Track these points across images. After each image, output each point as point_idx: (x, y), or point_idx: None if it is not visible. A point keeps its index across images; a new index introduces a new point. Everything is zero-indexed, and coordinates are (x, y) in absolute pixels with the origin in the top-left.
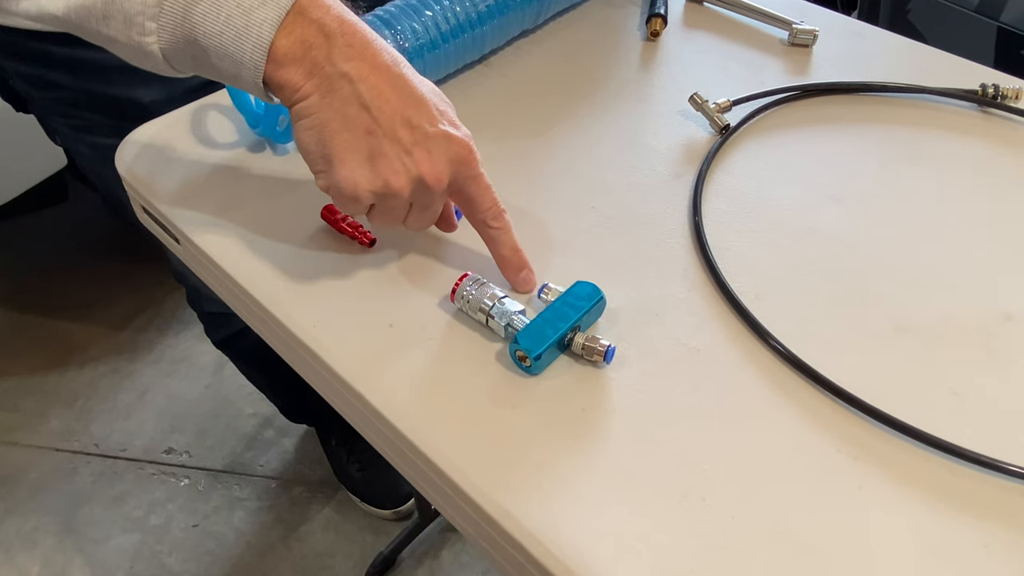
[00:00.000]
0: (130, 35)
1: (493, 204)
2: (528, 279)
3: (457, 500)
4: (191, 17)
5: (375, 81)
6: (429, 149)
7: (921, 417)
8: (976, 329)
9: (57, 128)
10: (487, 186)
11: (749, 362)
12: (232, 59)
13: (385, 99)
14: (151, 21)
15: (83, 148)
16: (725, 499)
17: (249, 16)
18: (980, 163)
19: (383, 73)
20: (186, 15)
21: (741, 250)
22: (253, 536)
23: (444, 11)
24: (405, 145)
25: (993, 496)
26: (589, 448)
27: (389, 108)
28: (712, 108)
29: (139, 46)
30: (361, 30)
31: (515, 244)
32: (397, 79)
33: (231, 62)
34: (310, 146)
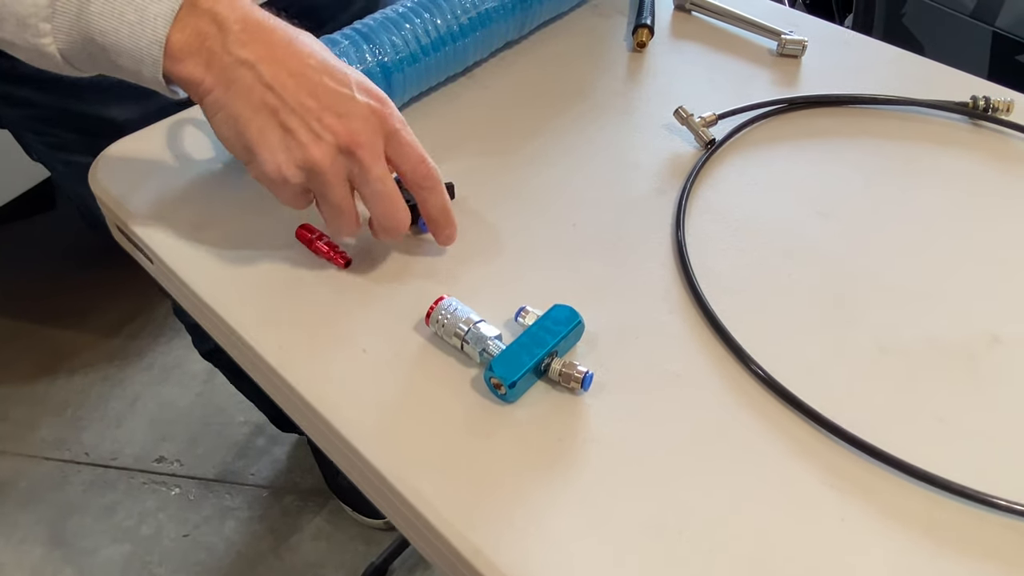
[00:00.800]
0: (25, 37)
1: (420, 162)
2: (451, 236)
3: (426, 533)
4: (85, 15)
5: (273, 60)
6: (338, 112)
7: (905, 446)
8: (963, 352)
9: (31, 145)
10: (410, 143)
11: (731, 388)
12: (130, 56)
13: (287, 74)
14: (44, 23)
15: (58, 165)
16: (704, 532)
17: (143, 12)
18: (970, 178)
19: (280, 50)
20: (80, 14)
21: (725, 270)
22: (244, 546)
23: (424, 24)
24: (315, 113)
25: (978, 530)
26: (564, 480)
27: (292, 83)
28: (697, 122)
29: (35, 48)
30: (254, 14)
31: (444, 204)
32: (296, 54)
33: (130, 59)
34: (230, 139)
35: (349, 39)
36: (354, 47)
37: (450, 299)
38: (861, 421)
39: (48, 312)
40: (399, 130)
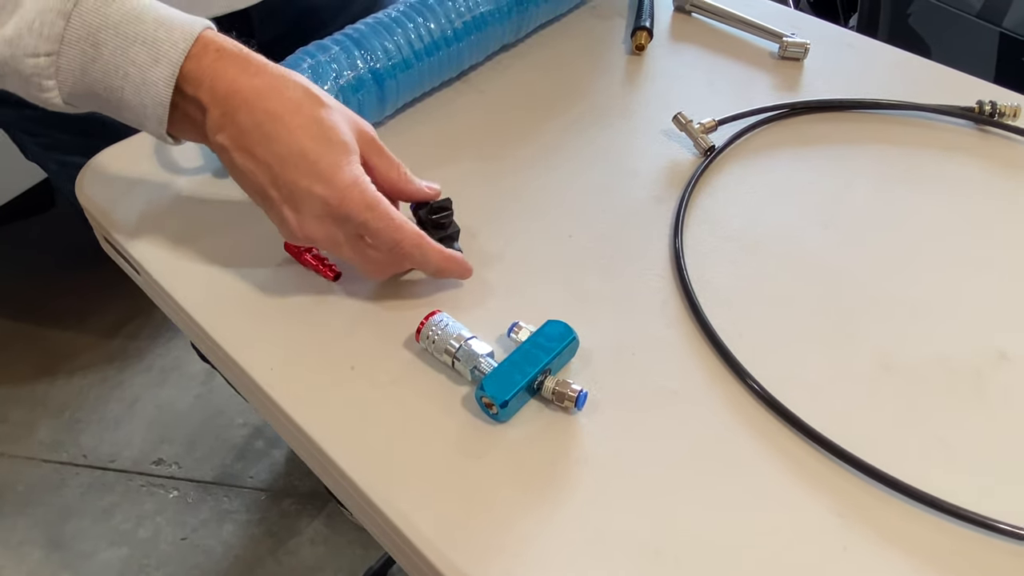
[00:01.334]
0: (29, 91)
1: (393, 246)
2: (463, 274)
3: (412, 557)
4: (89, 75)
5: (242, 148)
6: (295, 206)
7: (909, 469)
8: (968, 369)
9: (26, 145)
10: (376, 229)
11: (730, 407)
12: (135, 112)
13: (254, 164)
14: (48, 80)
15: (52, 165)
16: (700, 560)
17: (145, 75)
18: (976, 185)
19: (248, 137)
20: (84, 73)
21: (724, 282)
22: (242, 549)
23: (417, 28)
24: (277, 204)
25: (983, 556)
26: (557, 502)
27: (259, 172)
28: (696, 128)
29: (40, 100)
30: (233, 94)
31: (439, 262)
32: (261, 140)
33: (135, 115)
34: None
35: (340, 45)
36: (345, 53)
37: (441, 314)
38: (863, 441)
39: (47, 313)
40: (365, 220)
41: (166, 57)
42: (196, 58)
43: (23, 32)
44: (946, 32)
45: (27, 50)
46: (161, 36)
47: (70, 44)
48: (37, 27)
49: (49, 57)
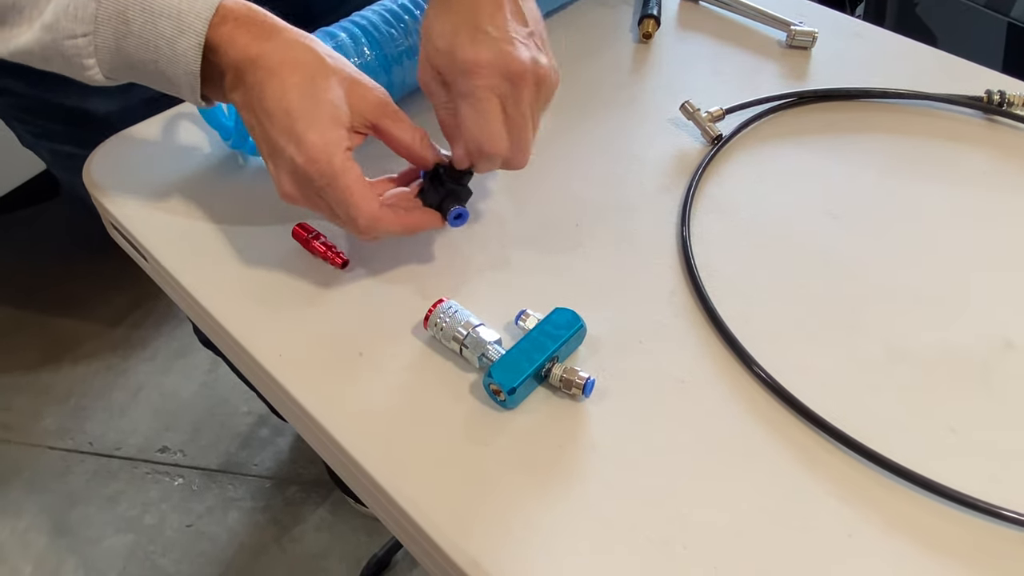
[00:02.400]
0: (72, 71)
1: (348, 219)
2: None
3: (422, 543)
4: (123, 51)
5: (247, 106)
6: (275, 161)
7: (915, 456)
8: (976, 358)
9: (19, 132)
10: (335, 200)
11: (737, 395)
12: (171, 82)
13: (255, 121)
14: (88, 59)
15: (44, 153)
16: (707, 546)
17: (174, 47)
18: (985, 175)
19: (251, 95)
20: (117, 50)
21: (731, 271)
22: (247, 537)
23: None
24: (266, 159)
25: (991, 544)
26: (564, 489)
27: (256, 128)
28: (704, 117)
29: (84, 78)
30: (246, 56)
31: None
32: (260, 99)
33: (171, 85)
34: None
35: (347, 32)
36: (352, 40)
37: (449, 302)
38: (869, 429)
39: (52, 301)
40: (320, 185)
41: (191, 28)
42: (216, 27)
43: (60, 17)
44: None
45: (66, 33)
46: (184, 8)
47: (103, 23)
48: (72, 11)
49: (86, 37)
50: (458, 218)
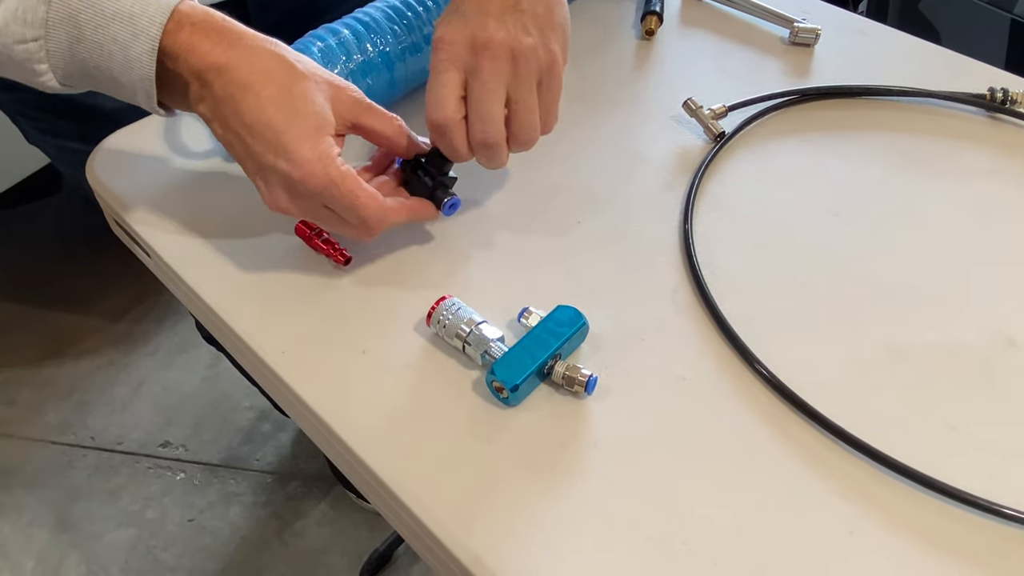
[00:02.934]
0: (26, 77)
1: (358, 221)
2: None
3: (425, 539)
4: (78, 56)
5: (217, 118)
6: (264, 178)
7: (916, 454)
8: (977, 356)
9: (25, 129)
10: (342, 207)
11: (739, 393)
12: (126, 88)
13: (230, 135)
14: (40, 64)
15: (51, 150)
16: (707, 543)
17: (127, 52)
18: (987, 173)
19: (222, 108)
20: (72, 55)
21: (733, 268)
22: (249, 531)
23: (428, 12)
24: (251, 175)
25: (991, 542)
26: (566, 486)
27: (234, 143)
28: (706, 114)
29: (39, 85)
30: (209, 65)
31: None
32: (233, 112)
33: (126, 91)
34: None
35: (350, 28)
36: (355, 37)
37: (452, 299)
38: (871, 427)
39: (54, 297)
40: (326, 196)
41: (144, 32)
42: (172, 33)
43: (9, 20)
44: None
45: (15, 37)
46: (137, 12)
47: (54, 27)
48: (21, 14)
49: (37, 42)
50: (452, 207)
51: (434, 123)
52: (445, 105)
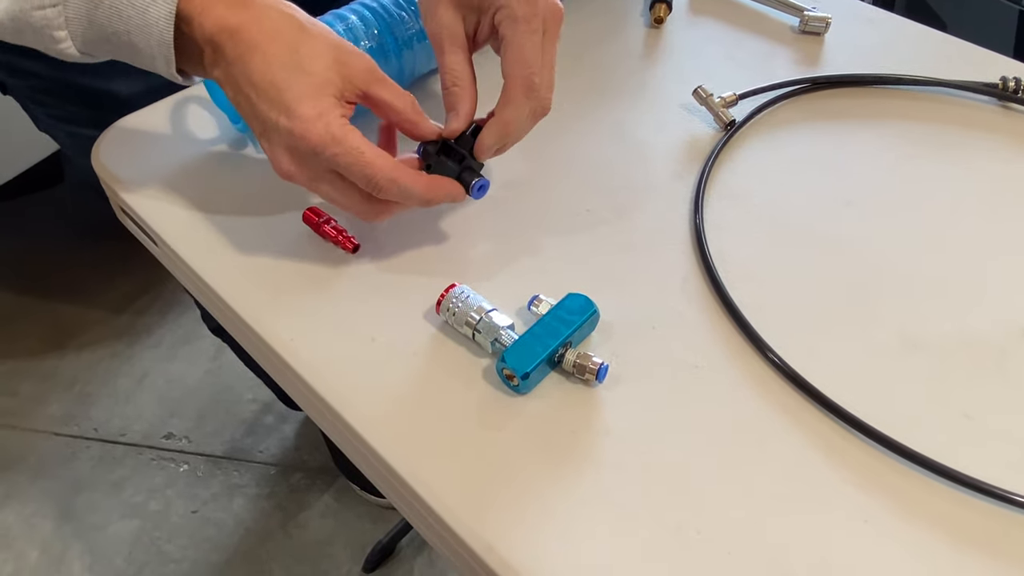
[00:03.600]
0: (45, 44)
1: (365, 180)
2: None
3: (436, 527)
4: (96, 22)
5: (229, 80)
6: (268, 138)
7: (931, 443)
8: (992, 345)
9: (37, 115)
10: (347, 164)
11: (751, 381)
12: (145, 55)
13: (240, 96)
14: (59, 31)
15: (63, 137)
16: (721, 532)
17: (145, 16)
18: (1000, 162)
19: (233, 69)
20: (90, 21)
21: (745, 257)
22: (252, 523)
23: None
24: (259, 137)
25: (1007, 531)
26: (578, 475)
27: (243, 104)
28: (717, 102)
29: (57, 52)
30: (221, 28)
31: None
32: (242, 72)
33: (145, 57)
34: None
35: (357, 14)
36: (363, 23)
37: (462, 287)
38: (885, 417)
39: (55, 288)
40: (329, 154)
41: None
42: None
43: None
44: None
45: (34, 3)
46: None
47: None
48: None
49: (55, 8)
50: (481, 189)
51: (536, 87)
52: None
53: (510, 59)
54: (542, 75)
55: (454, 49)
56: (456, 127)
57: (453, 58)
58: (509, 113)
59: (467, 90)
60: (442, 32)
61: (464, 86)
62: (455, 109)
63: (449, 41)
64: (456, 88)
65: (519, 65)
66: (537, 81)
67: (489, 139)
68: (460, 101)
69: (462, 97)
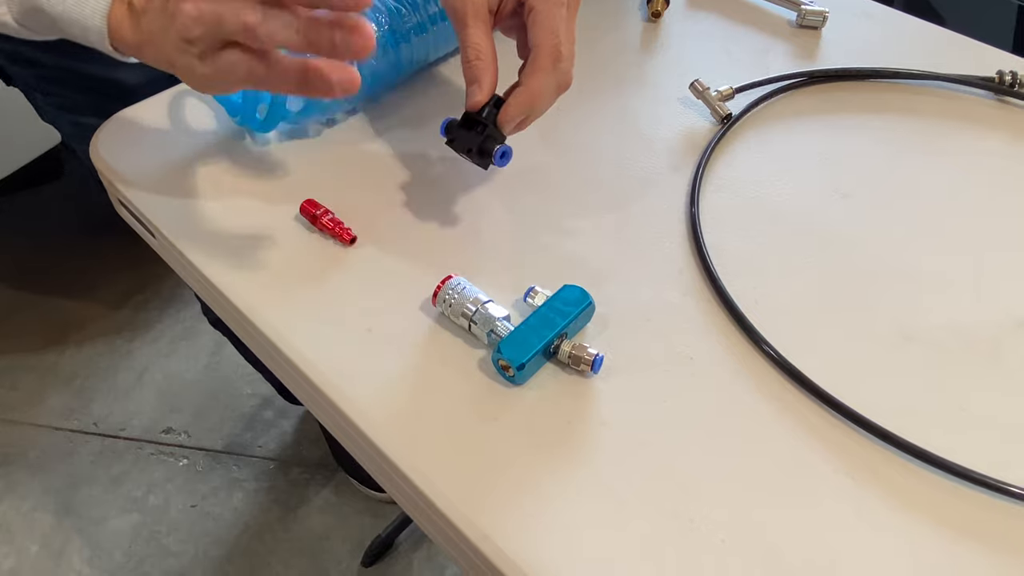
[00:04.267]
0: None
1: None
2: None
3: (433, 517)
4: None
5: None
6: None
7: (926, 435)
8: (986, 337)
9: (40, 105)
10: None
11: (746, 373)
12: (79, 26)
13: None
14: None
15: (66, 126)
16: (715, 520)
17: None
18: (996, 156)
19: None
20: None
21: (740, 250)
22: (251, 517)
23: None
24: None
25: (1001, 521)
26: (573, 464)
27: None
28: (714, 96)
29: None
30: None
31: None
32: None
33: (79, 28)
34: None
35: None
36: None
37: (458, 278)
38: (880, 408)
39: (56, 282)
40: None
41: None
42: None
43: None
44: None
45: None
46: None
47: None
48: None
49: None
50: (503, 156)
51: (564, 58)
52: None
53: (538, 29)
54: (568, 47)
55: (477, 23)
56: (480, 99)
57: (476, 31)
58: (536, 82)
59: (490, 63)
60: (466, 6)
61: (487, 59)
62: (478, 81)
63: (472, 15)
64: (479, 62)
65: (548, 35)
66: (564, 51)
67: (515, 109)
68: (483, 74)
69: (485, 70)
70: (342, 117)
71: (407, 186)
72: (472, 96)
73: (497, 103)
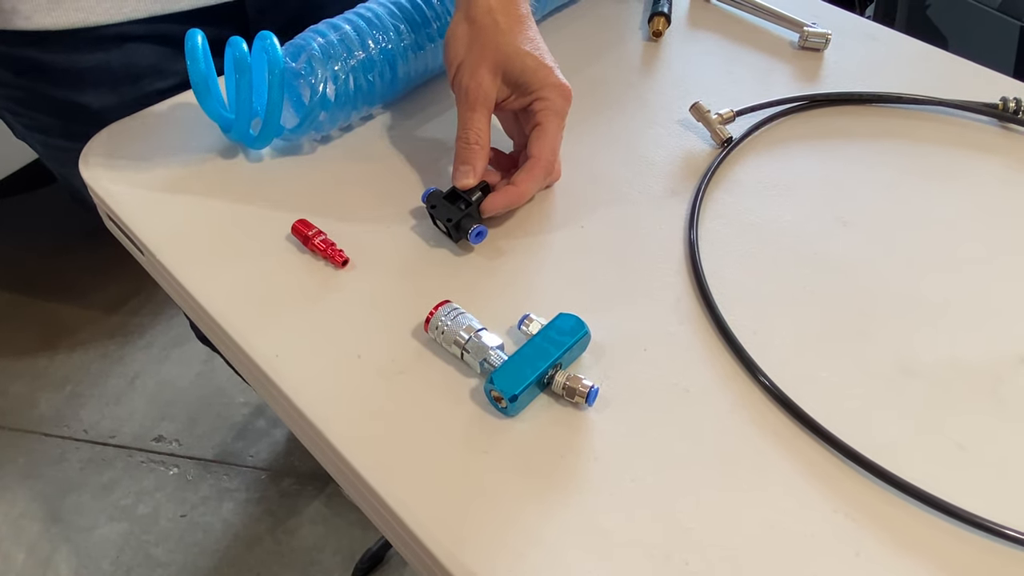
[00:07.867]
0: None
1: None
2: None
3: (418, 551)
4: None
5: None
6: None
7: (924, 474)
8: (987, 373)
9: (11, 123)
10: None
11: (743, 406)
12: None
13: None
14: None
15: (37, 146)
16: (710, 563)
17: None
18: (999, 184)
19: None
20: None
21: (739, 278)
22: (241, 528)
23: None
24: None
25: (999, 566)
26: (565, 500)
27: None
28: (714, 119)
29: None
30: None
31: None
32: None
33: None
34: None
35: (352, 24)
36: (357, 33)
37: (450, 304)
38: (878, 445)
39: (48, 288)
40: None
41: None
42: None
43: None
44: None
45: None
46: None
47: None
48: None
49: None
50: (479, 235)
51: (556, 171)
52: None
53: (541, 143)
54: (558, 160)
55: (483, 111)
56: (470, 183)
57: (480, 118)
58: (527, 186)
59: (485, 150)
60: (479, 92)
61: (484, 146)
62: (472, 165)
63: (482, 103)
64: (476, 147)
65: (548, 151)
66: (557, 166)
67: (502, 202)
68: (478, 159)
69: (480, 156)
70: (337, 134)
71: (401, 206)
72: (464, 176)
73: (484, 189)
